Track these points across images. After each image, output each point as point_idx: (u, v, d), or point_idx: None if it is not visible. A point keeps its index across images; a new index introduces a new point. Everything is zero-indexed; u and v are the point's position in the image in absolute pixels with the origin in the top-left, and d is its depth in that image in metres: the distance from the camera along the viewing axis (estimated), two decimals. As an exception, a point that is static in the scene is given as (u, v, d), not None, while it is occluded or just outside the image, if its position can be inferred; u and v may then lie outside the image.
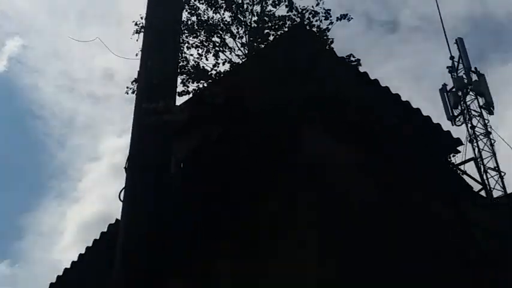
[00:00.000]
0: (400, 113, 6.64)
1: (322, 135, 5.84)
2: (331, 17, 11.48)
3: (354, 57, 6.07)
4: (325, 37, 6.25)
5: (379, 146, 6.17)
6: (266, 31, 6.22)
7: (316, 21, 10.78)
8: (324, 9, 11.78)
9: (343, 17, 10.73)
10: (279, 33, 6.11)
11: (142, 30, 5.81)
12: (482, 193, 7.74)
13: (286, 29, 6.11)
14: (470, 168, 7.90)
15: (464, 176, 7.61)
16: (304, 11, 11.73)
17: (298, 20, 11.26)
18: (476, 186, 7.75)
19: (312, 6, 11.82)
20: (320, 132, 5.83)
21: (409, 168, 6.38)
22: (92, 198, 30.37)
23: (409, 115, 6.74)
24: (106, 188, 29.70)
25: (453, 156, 7.41)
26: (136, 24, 11.94)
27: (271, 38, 6.46)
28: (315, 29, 6.37)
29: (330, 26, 5.88)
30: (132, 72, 5.16)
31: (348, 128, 5.98)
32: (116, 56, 7.04)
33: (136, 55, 5.54)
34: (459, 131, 13.53)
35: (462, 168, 7.56)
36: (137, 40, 6.07)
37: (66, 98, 30.98)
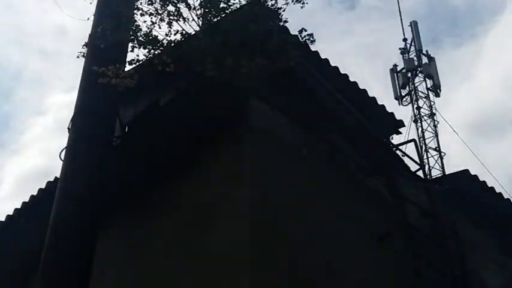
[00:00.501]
0: (347, 93, 6.85)
1: (270, 111, 6.02)
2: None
3: (305, 30, 6.15)
4: (279, 15, 6.30)
5: (324, 125, 6.40)
6: (221, 5, 6.23)
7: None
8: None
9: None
10: (233, 7, 6.13)
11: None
12: (421, 173, 8.06)
13: (241, 4, 6.15)
14: (413, 148, 8.39)
15: (405, 157, 7.92)
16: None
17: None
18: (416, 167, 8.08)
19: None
20: (268, 107, 6.01)
21: (351, 146, 6.64)
22: (33, 152, 29.72)
23: (356, 95, 6.98)
24: (49, 143, 29.06)
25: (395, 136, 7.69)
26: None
27: (226, 11, 6.47)
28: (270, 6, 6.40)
29: (285, 7, 5.87)
30: (85, 30, 5.15)
31: (296, 105, 6.18)
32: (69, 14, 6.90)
33: (88, 19, 5.51)
34: (405, 111, 13.93)
35: (403, 149, 7.86)
36: (90, 3, 5.99)
37: (15, 51, 29.98)
